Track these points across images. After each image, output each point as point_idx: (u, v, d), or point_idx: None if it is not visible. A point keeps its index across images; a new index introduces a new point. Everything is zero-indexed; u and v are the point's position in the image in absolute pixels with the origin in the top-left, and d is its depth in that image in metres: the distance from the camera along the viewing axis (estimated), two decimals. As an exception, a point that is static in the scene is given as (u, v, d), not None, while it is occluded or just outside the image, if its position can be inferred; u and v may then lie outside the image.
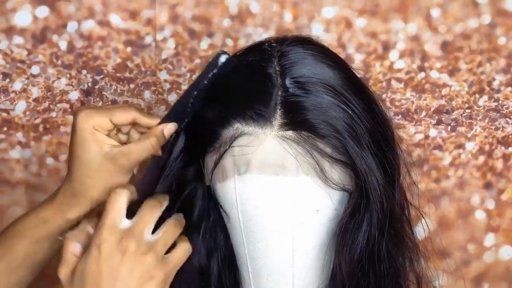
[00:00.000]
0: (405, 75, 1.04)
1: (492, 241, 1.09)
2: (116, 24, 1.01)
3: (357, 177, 0.66)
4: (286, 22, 1.02)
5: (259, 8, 1.01)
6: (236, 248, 0.73)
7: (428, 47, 1.04)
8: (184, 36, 1.01)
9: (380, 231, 0.67)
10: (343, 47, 1.03)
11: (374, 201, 0.66)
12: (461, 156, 1.07)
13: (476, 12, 1.03)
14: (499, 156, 1.07)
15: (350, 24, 1.02)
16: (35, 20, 0.99)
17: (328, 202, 0.67)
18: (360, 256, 0.68)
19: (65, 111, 1.03)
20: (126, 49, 1.01)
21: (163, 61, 1.02)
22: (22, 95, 1.02)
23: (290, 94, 0.66)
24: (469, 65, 1.04)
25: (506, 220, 1.09)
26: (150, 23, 1.01)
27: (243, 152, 0.66)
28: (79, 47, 1.01)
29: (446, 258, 1.03)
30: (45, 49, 1.01)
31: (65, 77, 1.02)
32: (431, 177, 1.07)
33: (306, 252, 0.70)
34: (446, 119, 1.05)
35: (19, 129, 1.03)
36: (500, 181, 1.08)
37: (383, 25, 1.03)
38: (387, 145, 0.69)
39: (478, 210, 1.09)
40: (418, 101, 1.05)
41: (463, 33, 1.03)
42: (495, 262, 1.09)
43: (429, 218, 0.76)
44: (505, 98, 1.05)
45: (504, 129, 1.06)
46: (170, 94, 1.03)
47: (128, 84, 1.03)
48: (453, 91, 1.05)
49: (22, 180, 1.06)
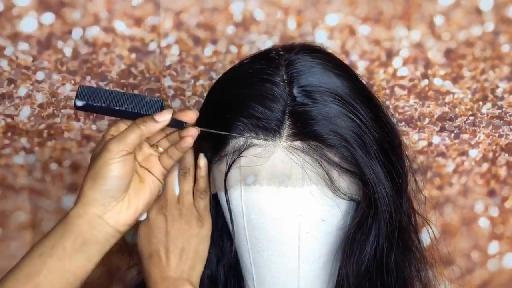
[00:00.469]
0: (409, 82, 1.04)
1: (496, 249, 1.09)
2: (120, 30, 1.01)
3: (365, 187, 0.66)
4: (290, 29, 1.02)
5: (263, 15, 1.01)
6: (241, 256, 0.73)
7: (432, 54, 1.04)
8: (188, 42, 1.01)
9: (388, 242, 0.67)
10: (346, 54, 1.03)
11: (383, 210, 0.66)
12: (464, 163, 1.07)
13: (479, 20, 1.03)
14: (503, 164, 1.07)
15: (353, 32, 1.03)
16: (41, 26, 0.99)
17: (335, 211, 0.67)
18: (368, 266, 0.67)
19: (70, 117, 1.03)
20: (131, 56, 1.01)
21: (167, 67, 1.02)
22: (26, 101, 1.02)
23: (298, 103, 0.66)
24: (473, 73, 1.04)
25: (510, 228, 1.09)
26: (154, 29, 1.01)
27: (251, 163, 0.66)
28: (84, 53, 1.01)
29: (450, 266, 1.03)
30: (50, 55, 1.01)
31: (69, 83, 1.02)
32: (435, 184, 1.07)
33: (312, 261, 0.70)
34: (449, 126, 1.06)
35: (23, 134, 1.03)
36: (504, 189, 1.08)
37: (386, 33, 1.03)
38: (394, 154, 0.69)
39: (482, 217, 1.09)
40: (421, 108, 1.05)
41: (467, 40, 1.03)
42: (499, 270, 1.09)
43: (435, 226, 0.76)
44: (509, 105, 1.05)
45: (508, 136, 1.06)
46: (174, 100, 1.03)
47: (132, 90, 1.03)
48: (456, 98, 1.05)
49: (26, 186, 1.06)
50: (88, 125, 1.03)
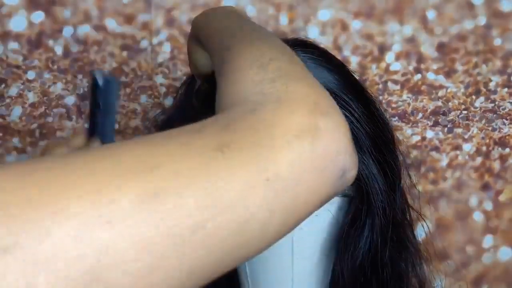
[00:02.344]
0: (402, 77, 1.04)
1: (490, 242, 1.09)
2: (112, 28, 1.00)
3: (358, 182, 0.66)
4: (282, 25, 1.02)
5: (255, 11, 1.01)
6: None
7: (424, 48, 1.03)
8: (180, 40, 1.01)
9: (383, 237, 0.67)
10: (339, 50, 1.03)
11: (376, 206, 0.66)
12: (458, 157, 1.07)
13: (471, 14, 1.03)
14: (496, 157, 1.07)
15: (346, 27, 1.02)
16: (31, 25, 0.99)
17: (328, 207, 0.67)
18: (363, 262, 0.67)
19: (62, 116, 1.03)
20: (122, 54, 1.01)
21: (159, 65, 1.02)
22: (18, 100, 1.01)
23: None
24: (465, 67, 1.04)
25: (504, 222, 1.09)
26: (146, 27, 1.00)
27: None
28: (75, 51, 1.00)
29: (445, 260, 1.02)
30: (41, 54, 1.00)
31: (61, 82, 1.01)
32: (428, 179, 1.07)
33: (306, 257, 0.69)
34: (442, 120, 1.05)
35: (15, 134, 1.03)
36: (498, 182, 1.08)
37: (379, 27, 1.03)
38: (387, 149, 0.68)
39: (476, 211, 1.09)
40: (414, 102, 1.05)
41: (459, 34, 1.03)
42: (494, 264, 1.09)
43: (429, 220, 0.76)
44: (502, 99, 1.05)
45: (501, 130, 1.06)
46: (166, 98, 1.03)
47: (124, 89, 1.02)
48: (449, 92, 1.05)
49: (18, 186, 1.06)
50: (81, 124, 1.03)
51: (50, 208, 0.35)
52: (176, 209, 0.38)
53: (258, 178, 0.40)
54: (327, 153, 0.42)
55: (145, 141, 0.41)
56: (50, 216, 0.35)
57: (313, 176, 0.42)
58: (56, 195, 0.36)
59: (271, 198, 0.40)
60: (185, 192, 0.38)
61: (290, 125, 0.42)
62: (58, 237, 0.34)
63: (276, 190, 0.41)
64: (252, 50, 0.49)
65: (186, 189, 0.38)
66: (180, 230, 0.38)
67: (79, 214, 0.35)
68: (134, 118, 1.03)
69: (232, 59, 0.49)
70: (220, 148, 0.40)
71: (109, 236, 0.36)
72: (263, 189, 0.40)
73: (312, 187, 0.42)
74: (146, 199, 0.37)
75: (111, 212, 0.36)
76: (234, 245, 0.40)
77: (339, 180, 0.44)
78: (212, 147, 0.40)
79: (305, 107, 0.43)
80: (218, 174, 0.39)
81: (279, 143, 0.41)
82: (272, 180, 0.40)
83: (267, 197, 0.40)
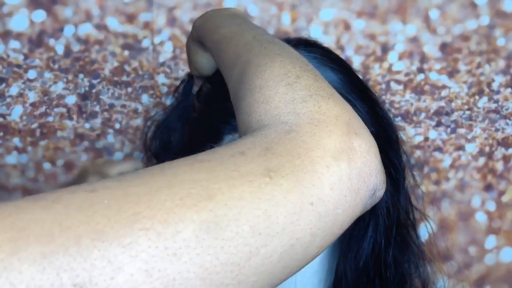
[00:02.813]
0: (404, 77, 1.04)
1: (493, 243, 1.09)
2: (113, 27, 1.00)
3: None
4: (285, 25, 1.01)
5: (257, 10, 1.01)
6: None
7: (427, 48, 1.03)
8: (182, 39, 1.00)
9: (386, 237, 0.66)
10: (341, 49, 1.02)
11: (380, 205, 0.65)
12: (461, 158, 1.07)
13: (475, 13, 1.03)
14: (499, 158, 1.07)
15: (348, 26, 1.02)
16: (32, 24, 0.98)
17: None
18: (366, 262, 0.67)
19: (62, 116, 1.02)
20: (124, 53, 1.00)
21: (161, 64, 1.01)
22: (18, 100, 1.01)
23: None
24: (468, 67, 1.04)
25: (507, 222, 1.09)
26: (147, 26, 1.00)
27: None
28: (76, 51, 1.00)
29: (448, 261, 1.02)
30: (42, 53, 1.00)
31: (62, 81, 1.01)
32: (431, 179, 1.07)
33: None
34: (445, 120, 1.05)
35: (15, 134, 1.02)
36: (501, 183, 1.08)
37: (381, 27, 1.02)
38: (391, 149, 0.68)
39: (479, 212, 1.08)
40: (417, 103, 1.04)
41: (462, 34, 1.03)
42: (496, 265, 1.09)
43: (432, 221, 0.76)
44: (505, 99, 1.05)
45: (504, 130, 1.06)
46: (168, 97, 1.02)
47: (125, 88, 1.02)
48: (452, 92, 1.04)
49: (19, 186, 1.05)
50: (81, 123, 1.02)
51: (120, 241, 0.36)
52: (234, 237, 0.38)
53: (303, 202, 0.41)
54: (361, 174, 0.44)
55: (197, 165, 0.41)
56: (120, 250, 0.35)
57: (349, 199, 0.43)
58: (125, 228, 0.36)
59: (314, 222, 0.41)
60: (241, 220, 0.39)
61: (328, 148, 0.43)
62: (129, 273, 0.35)
63: (319, 214, 0.42)
64: (275, 67, 0.49)
65: (241, 216, 0.39)
66: (238, 258, 0.39)
67: (148, 248, 0.36)
68: (135, 118, 1.03)
69: (255, 75, 0.49)
70: (267, 173, 0.41)
71: (176, 268, 0.36)
72: (307, 214, 0.41)
73: (349, 209, 0.44)
74: (207, 229, 0.38)
75: (176, 243, 0.37)
76: (280, 269, 0.41)
77: (370, 199, 0.45)
78: (260, 173, 0.41)
79: (340, 128, 0.44)
80: (268, 200, 0.40)
81: (320, 167, 0.42)
82: (315, 205, 0.41)
83: (311, 222, 0.41)
